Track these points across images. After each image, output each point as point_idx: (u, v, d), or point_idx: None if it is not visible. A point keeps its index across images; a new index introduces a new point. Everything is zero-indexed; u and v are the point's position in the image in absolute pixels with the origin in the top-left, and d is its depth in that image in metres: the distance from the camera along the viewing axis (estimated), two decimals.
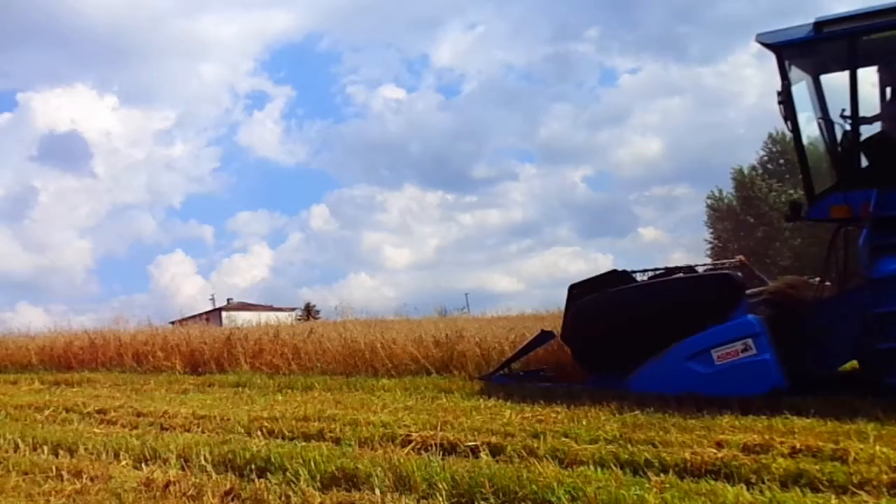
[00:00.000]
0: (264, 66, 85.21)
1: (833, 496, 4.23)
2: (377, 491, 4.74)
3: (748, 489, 4.38)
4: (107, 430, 7.70)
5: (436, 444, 5.88)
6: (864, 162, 8.08)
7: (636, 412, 6.65)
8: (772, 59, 8.16)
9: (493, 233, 72.92)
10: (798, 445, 5.16)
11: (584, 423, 6.35)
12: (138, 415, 8.47)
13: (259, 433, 6.90)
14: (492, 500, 4.48)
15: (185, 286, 63.06)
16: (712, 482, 4.56)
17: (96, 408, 9.05)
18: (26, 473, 5.94)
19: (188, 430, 7.38)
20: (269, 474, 5.32)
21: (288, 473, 5.23)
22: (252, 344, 13.53)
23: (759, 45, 8.24)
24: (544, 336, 9.96)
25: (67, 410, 9.14)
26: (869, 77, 8.45)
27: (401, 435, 6.24)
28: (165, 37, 75.41)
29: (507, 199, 74.83)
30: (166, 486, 5.24)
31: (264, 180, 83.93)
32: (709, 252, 37.98)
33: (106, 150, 77.04)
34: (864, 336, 7.45)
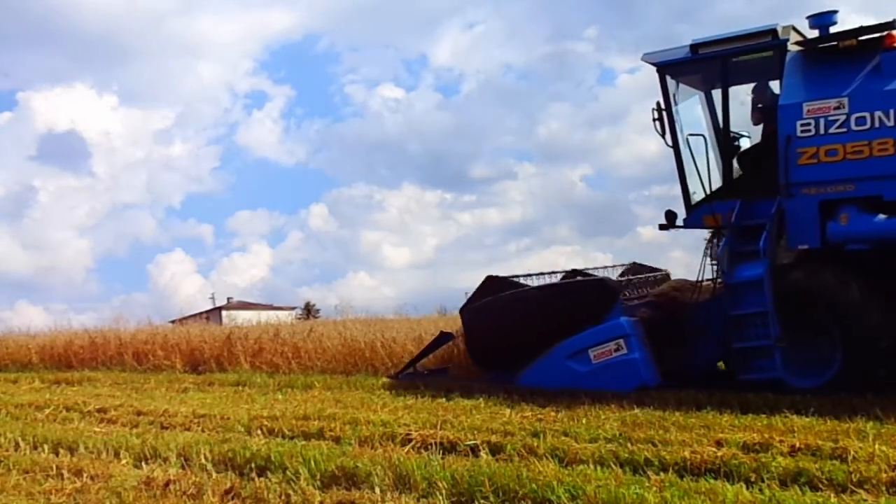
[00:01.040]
0: (264, 66, 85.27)
1: (832, 495, 4.24)
2: (377, 490, 4.74)
3: (748, 488, 4.39)
4: (107, 429, 7.71)
5: (436, 443, 5.88)
6: (735, 174, 8.79)
7: (636, 411, 6.66)
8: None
9: (492, 232, 72.99)
10: (797, 444, 5.17)
11: (583, 422, 6.36)
12: (138, 413, 8.48)
13: (259, 432, 6.90)
14: (491, 499, 4.48)
15: (184, 285, 63.10)
16: (712, 481, 4.57)
17: (96, 406, 9.06)
18: (27, 472, 5.94)
19: (188, 429, 7.39)
20: (269, 473, 5.33)
21: (288, 472, 5.23)
22: (252, 343, 13.54)
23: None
24: (444, 337, 10.59)
25: (68, 409, 9.14)
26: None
27: (401, 434, 6.25)
28: (165, 36, 75.46)
29: (506, 198, 74.93)
30: (166, 484, 5.25)
31: (264, 180, 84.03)
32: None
33: (105, 149, 77.09)
34: (725, 336, 8.11)
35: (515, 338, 8.84)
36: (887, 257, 7.60)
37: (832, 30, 8.16)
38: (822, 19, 8.19)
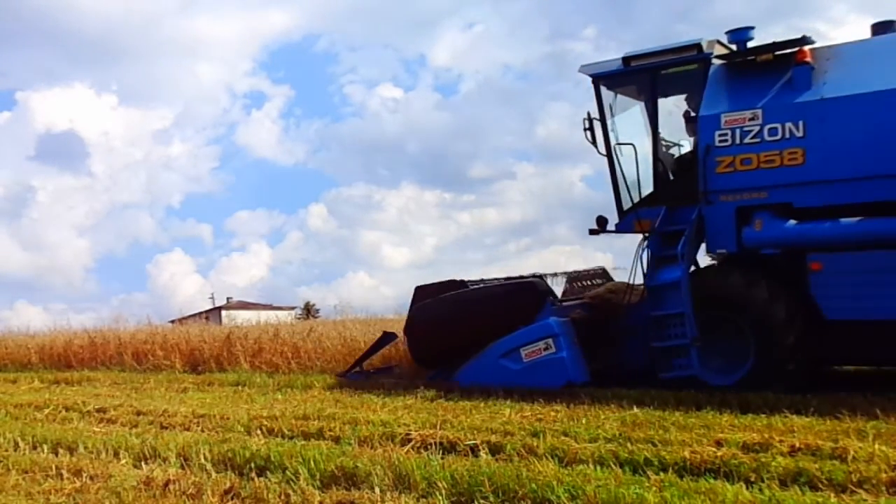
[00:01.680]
0: (263, 66, 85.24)
1: (832, 494, 4.24)
2: (377, 490, 4.73)
3: (747, 488, 4.39)
4: (106, 429, 7.71)
5: (435, 443, 5.88)
6: (664, 181, 9.16)
7: (636, 411, 6.66)
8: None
9: (491, 232, 72.99)
10: (797, 444, 5.16)
11: (583, 421, 6.35)
12: (138, 413, 8.47)
13: (259, 432, 6.90)
14: (491, 499, 4.48)
15: (183, 285, 63.14)
16: (712, 481, 4.56)
17: (96, 406, 9.06)
18: (26, 472, 5.95)
19: (188, 429, 7.39)
20: (268, 473, 5.32)
21: (287, 472, 5.23)
22: (252, 343, 13.56)
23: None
24: (388, 337, 11.12)
25: (67, 409, 9.15)
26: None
27: (400, 434, 6.25)
28: (164, 36, 75.48)
29: (506, 198, 74.92)
30: (166, 484, 5.24)
31: (263, 180, 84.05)
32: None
33: (104, 149, 77.15)
34: (648, 336, 8.49)
35: (453, 337, 9.30)
36: (796, 260, 7.94)
37: (750, 44, 8.53)
38: (740, 35, 8.58)
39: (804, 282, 7.83)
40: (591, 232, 9.68)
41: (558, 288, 10.51)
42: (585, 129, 9.32)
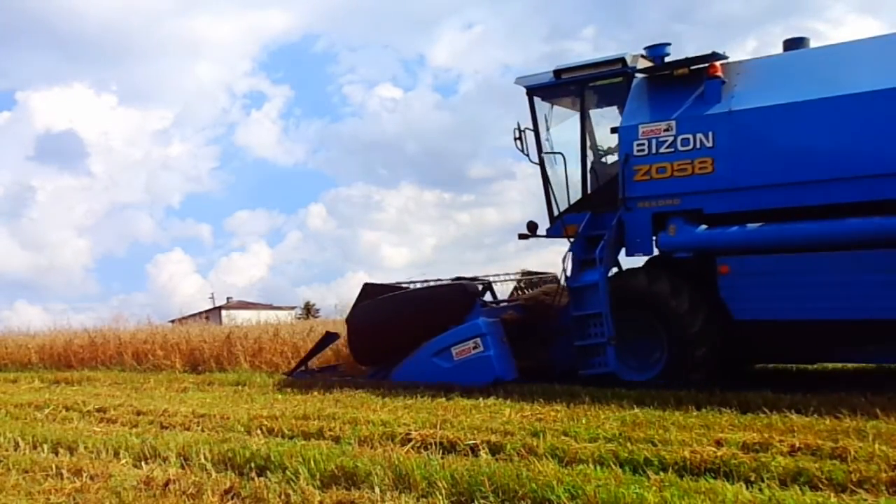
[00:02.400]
0: (262, 67, 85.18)
1: (832, 494, 4.23)
2: (377, 489, 4.73)
3: (747, 487, 4.38)
4: (107, 429, 7.71)
5: (435, 443, 5.88)
6: (592, 189, 9.65)
7: (636, 411, 6.66)
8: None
9: (490, 231, 72.88)
10: (797, 444, 5.16)
11: (583, 421, 6.35)
12: (138, 413, 8.47)
13: (259, 432, 6.90)
14: (491, 499, 4.47)
15: (183, 285, 63.12)
16: (711, 480, 4.56)
17: (96, 406, 9.06)
18: (26, 472, 5.94)
19: (188, 429, 7.39)
20: (268, 473, 5.32)
21: (287, 472, 5.23)
22: (252, 342, 13.57)
23: (754, 45, 9.37)
24: (330, 337, 11.54)
25: (67, 409, 9.15)
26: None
27: (400, 433, 6.25)
28: (163, 37, 75.46)
29: (505, 197, 74.81)
30: (166, 484, 5.24)
31: (262, 180, 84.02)
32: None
33: (104, 149, 77.14)
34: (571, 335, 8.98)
35: (390, 337, 9.83)
36: (707, 263, 8.33)
37: (668, 60, 9.05)
38: (657, 50, 9.15)
39: (714, 284, 8.22)
40: (521, 236, 10.21)
41: (509, 290, 11.37)
42: (515, 139, 9.75)
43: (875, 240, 7.42)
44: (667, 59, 9.05)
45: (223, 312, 36.80)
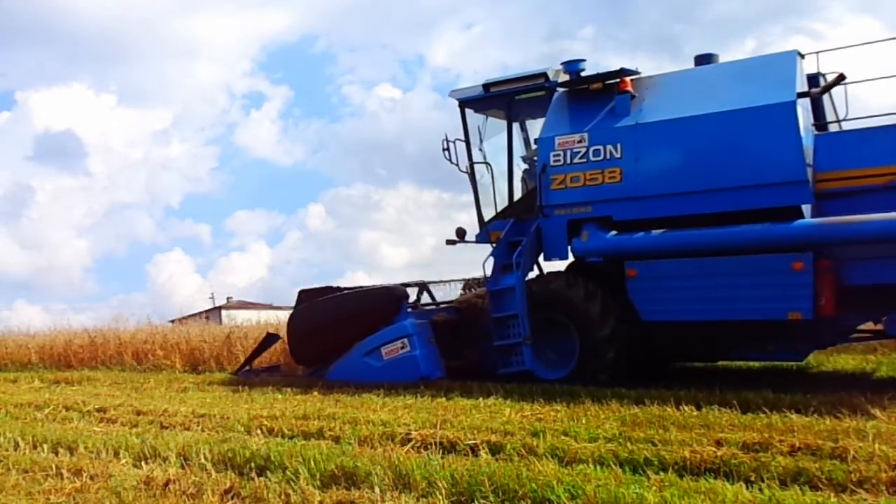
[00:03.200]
0: (261, 67, 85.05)
1: (832, 494, 4.23)
2: (377, 489, 4.73)
3: (747, 487, 4.38)
4: (107, 429, 7.71)
5: (435, 443, 5.88)
6: (517, 197, 10.13)
7: (636, 411, 6.66)
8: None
9: None
10: (797, 444, 5.16)
11: (583, 421, 6.35)
12: (138, 413, 8.48)
13: (259, 431, 6.90)
14: (491, 499, 4.47)
15: (183, 285, 63.07)
16: (711, 480, 4.56)
17: (96, 406, 9.06)
18: (26, 472, 5.94)
19: (188, 429, 7.39)
20: (268, 473, 5.32)
21: (287, 472, 5.23)
22: (252, 342, 13.55)
23: (753, 45, 9.69)
24: (271, 338, 12.18)
25: (67, 409, 9.15)
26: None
27: (400, 433, 6.25)
28: (162, 37, 75.37)
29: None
30: (166, 484, 5.24)
31: (262, 180, 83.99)
32: None
33: (103, 149, 77.10)
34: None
35: (325, 338, 10.39)
36: (617, 268, 8.81)
37: (583, 75, 9.49)
38: (573, 66, 9.60)
39: (624, 287, 8.72)
40: (449, 242, 10.74)
41: (455, 293, 11.87)
42: (443, 150, 10.28)
43: (762, 245, 7.94)
44: (582, 74, 9.50)
45: (223, 312, 36.75)
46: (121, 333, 16.46)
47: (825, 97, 8.81)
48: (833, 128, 8.76)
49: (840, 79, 8.23)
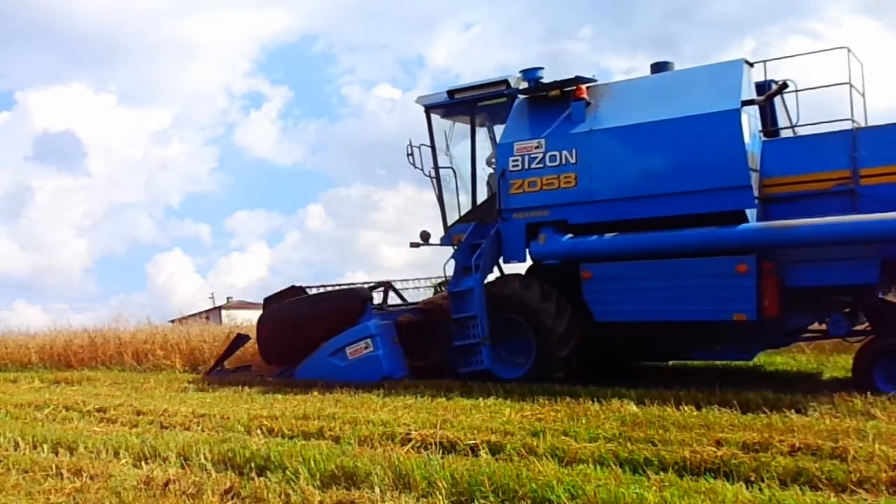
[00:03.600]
0: (261, 67, 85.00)
1: (832, 494, 4.24)
2: (377, 489, 4.73)
3: (747, 487, 4.39)
4: (107, 429, 7.71)
5: (435, 443, 5.88)
6: (480, 201, 10.35)
7: (636, 411, 6.65)
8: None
9: None
10: (797, 444, 5.16)
11: (583, 421, 6.35)
12: (138, 413, 8.47)
13: (259, 431, 6.90)
14: (491, 499, 4.47)
15: (182, 285, 63.01)
16: (711, 480, 4.57)
17: (96, 406, 9.06)
18: (26, 472, 5.94)
19: (188, 429, 7.39)
20: (268, 473, 5.32)
21: (287, 472, 5.23)
22: (252, 342, 13.52)
23: (752, 45, 9.88)
24: (241, 339, 12.49)
25: (67, 409, 9.14)
26: None
27: (400, 433, 6.25)
28: (162, 37, 75.31)
29: None
30: (166, 484, 5.24)
31: (261, 180, 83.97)
32: None
33: (103, 149, 77.09)
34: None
35: (293, 339, 10.69)
36: (572, 270, 9.03)
37: (542, 82, 9.76)
38: (531, 73, 9.87)
39: (579, 288, 8.94)
40: (413, 245, 11.02)
41: (427, 294, 12.17)
42: (408, 155, 10.54)
43: (708, 248, 8.17)
44: (540, 82, 9.77)
45: (223, 312, 36.74)
46: (121, 333, 16.44)
47: (779, 104, 9.12)
48: (788, 133, 9.03)
49: (783, 87, 8.52)
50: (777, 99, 8.99)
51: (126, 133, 79.90)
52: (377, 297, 11.28)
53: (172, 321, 21.96)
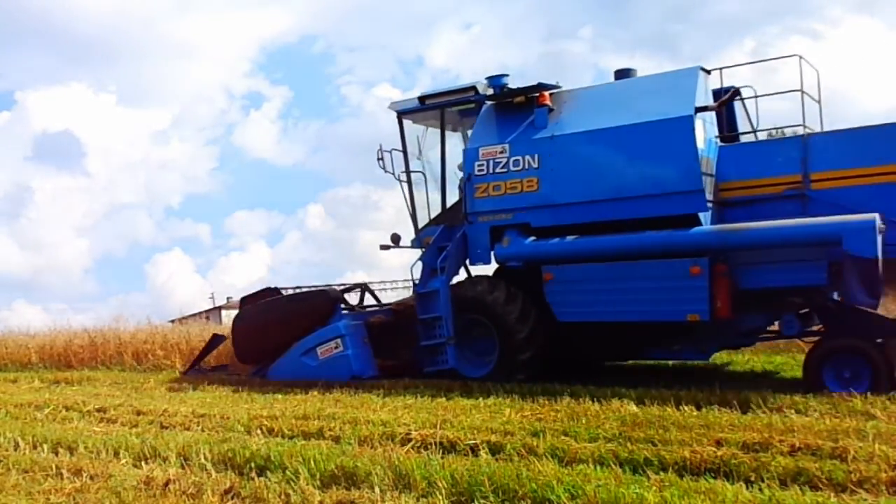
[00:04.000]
0: (261, 68, 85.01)
1: (832, 494, 4.24)
2: (377, 489, 4.73)
3: (747, 487, 4.39)
4: (107, 429, 7.71)
5: (435, 443, 5.88)
6: (450, 203, 10.54)
7: (636, 411, 6.65)
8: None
9: None
10: (797, 444, 5.16)
11: (583, 421, 6.35)
12: (138, 413, 8.48)
13: (259, 431, 6.90)
14: (491, 499, 4.47)
15: (182, 285, 63.01)
16: (712, 480, 4.56)
17: (96, 406, 9.06)
18: (26, 472, 5.95)
19: (188, 429, 7.39)
20: (268, 473, 5.32)
21: (287, 472, 5.23)
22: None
23: (751, 45, 10.04)
24: (217, 339, 12.87)
25: (67, 409, 9.15)
26: None
27: (400, 433, 6.25)
28: (161, 37, 75.39)
29: None
30: (166, 484, 5.24)
31: (261, 180, 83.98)
32: None
33: (103, 149, 77.09)
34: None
35: (266, 339, 10.95)
36: (535, 272, 9.24)
37: (508, 89, 9.93)
38: (496, 80, 10.08)
39: (541, 290, 9.14)
40: (382, 247, 11.28)
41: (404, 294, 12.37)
42: (378, 159, 10.74)
43: (662, 251, 8.41)
44: (505, 88, 9.96)
45: (223, 312, 36.72)
46: (121, 333, 16.44)
47: (740, 109, 9.37)
48: (751, 138, 9.26)
49: (734, 94, 8.87)
50: (738, 105, 9.27)
51: (126, 133, 79.94)
52: (354, 299, 11.58)
53: (172, 321, 21.97)
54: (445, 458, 5.35)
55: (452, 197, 10.54)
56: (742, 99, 9.26)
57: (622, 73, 9.75)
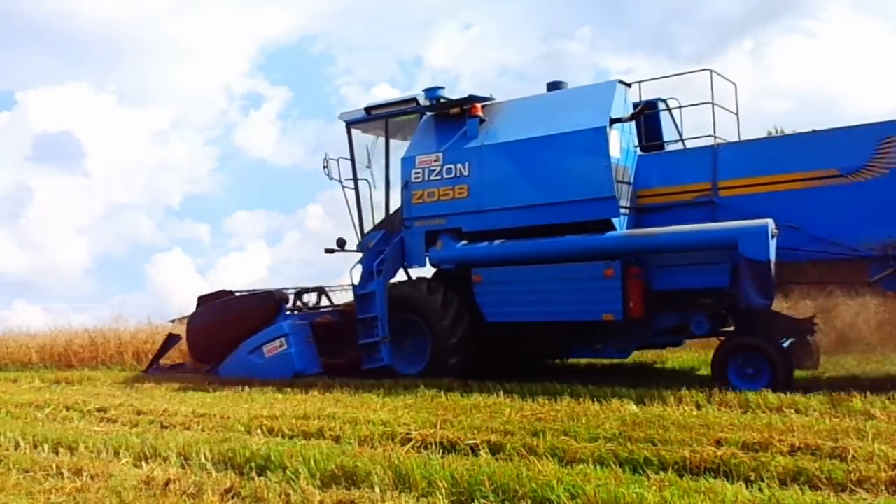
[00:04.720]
0: (260, 68, 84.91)
1: (832, 494, 4.24)
2: (377, 489, 4.73)
3: (747, 487, 4.39)
4: (107, 429, 7.71)
5: (435, 443, 5.88)
6: (392, 210, 11.14)
7: (636, 410, 6.66)
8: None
9: None
10: (797, 443, 5.16)
11: (583, 421, 6.35)
12: (138, 413, 8.47)
13: (259, 431, 6.90)
14: (491, 499, 4.48)
15: (182, 285, 62.90)
16: (711, 480, 4.57)
17: (96, 406, 9.06)
18: (27, 471, 5.94)
19: (188, 429, 7.39)
20: (268, 472, 5.32)
21: (288, 471, 5.23)
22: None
23: (750, 45, 10.61)
24: (172, 339, 13.38)
25: (68, 409, 9.14)
26: None
27: (400, 433, 6.25)
28: (161, 37, 74.96)
29: None
30: (166, 484, 5.24)
31: (261, 180, 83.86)
32: None
33: (102, 149, 76.88)
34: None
35: (218, 338, 11.45)
36: (466, 274, 9.79)
37: (441, 101, 10.59)
38: (432, 92, 10.78)
39: (472, 291, 9.70)
40: (327, 251, 11.73)
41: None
42: (324, 167, 11.43)
43: (579, 254, 8.94)
44: (440, 100, 10.60)
45: None
46: (121, 333, 16.46)
47: (666, 119, 9.99)
48: (679, 146, 9.86)
49: (645, 108, 9.45)
50: (665, 115, 9.94)
51: (126, 133, 79.77)
52: (312, 299, 12.31)
53: (172, 321, 21.90)
54: (445, 458, 5.35)
55: (396, 204, 10.99)
56: (669, 109, 9.93)
57: (553, 86, 10.34)
